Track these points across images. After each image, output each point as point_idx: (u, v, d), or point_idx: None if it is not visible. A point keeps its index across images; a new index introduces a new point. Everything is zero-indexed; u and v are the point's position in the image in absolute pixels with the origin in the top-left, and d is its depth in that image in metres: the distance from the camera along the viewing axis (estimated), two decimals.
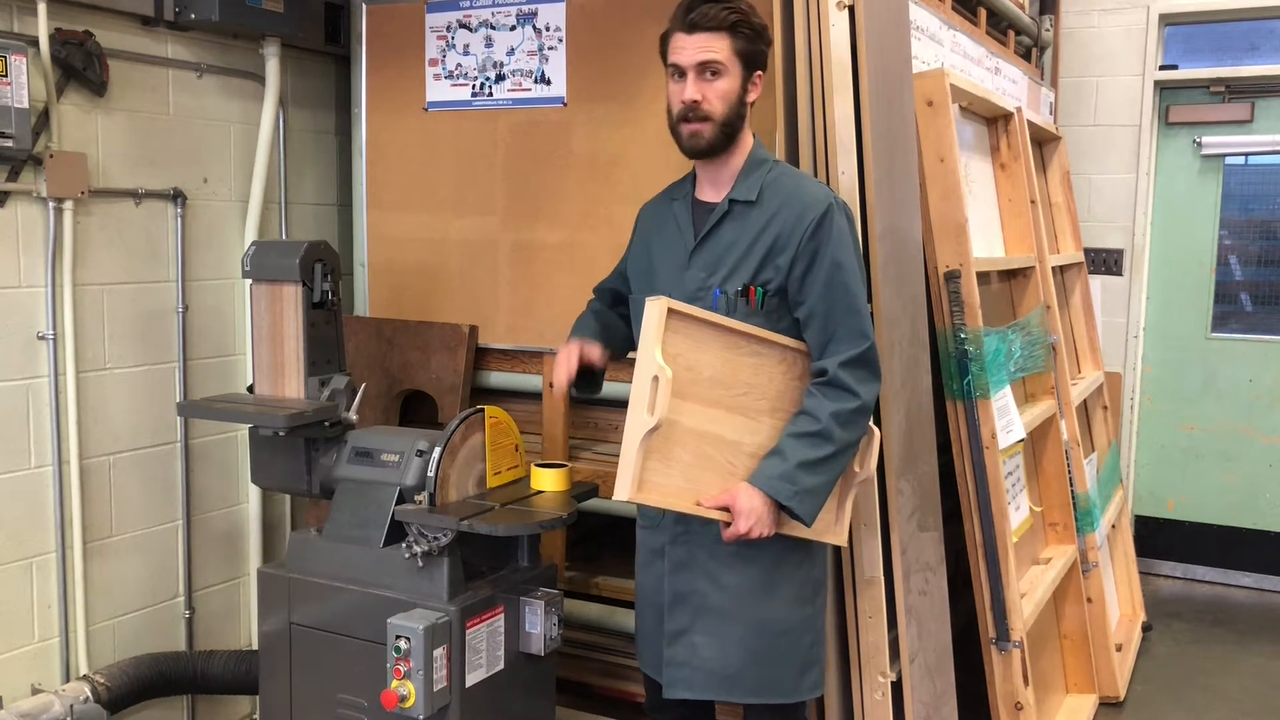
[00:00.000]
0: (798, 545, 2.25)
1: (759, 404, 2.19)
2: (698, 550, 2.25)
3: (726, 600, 2.23)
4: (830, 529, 2.28)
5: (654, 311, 2.05)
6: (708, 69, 2.15)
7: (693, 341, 2.11)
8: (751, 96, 2.22)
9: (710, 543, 2.22)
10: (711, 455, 2.14)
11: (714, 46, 2.14)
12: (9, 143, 2.59)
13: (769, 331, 2.19)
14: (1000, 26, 4.20)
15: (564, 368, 2.34)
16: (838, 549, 2.63)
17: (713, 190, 2.28)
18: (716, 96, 2.16)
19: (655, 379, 2.02)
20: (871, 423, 2.26)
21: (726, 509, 2.11)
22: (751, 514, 2.09)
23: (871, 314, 2.34)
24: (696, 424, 2.12)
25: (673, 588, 2.27)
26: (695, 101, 2.15)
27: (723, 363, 2.15)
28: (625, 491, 2.03)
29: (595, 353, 2.39)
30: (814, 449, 2.11)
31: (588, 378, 2.43)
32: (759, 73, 2.22)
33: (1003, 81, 3.97)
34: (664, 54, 2.22)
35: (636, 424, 2.03)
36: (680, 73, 2.18)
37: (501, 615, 2.49)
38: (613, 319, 2.51)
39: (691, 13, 2.16)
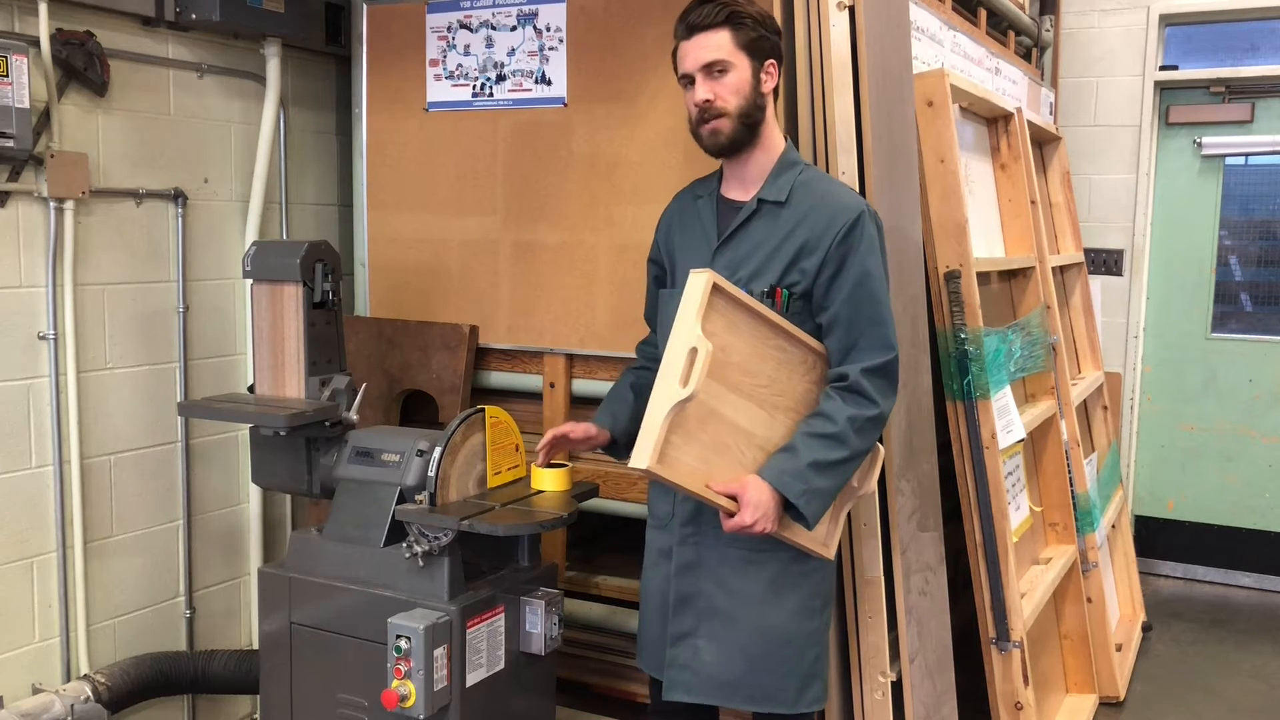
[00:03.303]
0: (806, 555, 2.23)
1: (778, 400, 2.15)
2: (706, 553, 2.23)
3: (732, 605, 2.21)
4: (821, 540, 2.25)
5: (698, 283, 2.00)
6: (714, 68, 2.13)
7: (728, 322, 2.06)
8: (767, 86, 2.19)
9: (719, 546, 2.21)
10: (727, 442, 2.09)
11: (714, 44, 2.13)
12: (10, 143, 2.60)
13: (800, 330, 2.16)
14: (1000, 27, 4.20)
15: (548, 437, 2.42)
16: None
17: (740, 189, 2.26)
18: (728, 91, 2.14)
19: (694, 350, 1.97)
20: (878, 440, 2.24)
21: (734, 498, 2.07)
22: (759, 507, 2.06)
23: None
24: (719, 407, 2.06)
25: (678, 590, 2.25)
26: (708, 101, 2.14)
27: (752, 351, 2.10)
28: (645, 460, 1.94)
29: (590, 435, 2.39)
30: (828, 451, 2.08)
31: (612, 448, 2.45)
32: (771, 61, 2.18)
33: (1003, 82, 3.97)
34: (676, 71, 2.22)
35: (667, 393, 1.96)
36: (690, 80, 2.17)
37: (502, 615, 2.49)
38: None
39: (688, 17, 2.16)
